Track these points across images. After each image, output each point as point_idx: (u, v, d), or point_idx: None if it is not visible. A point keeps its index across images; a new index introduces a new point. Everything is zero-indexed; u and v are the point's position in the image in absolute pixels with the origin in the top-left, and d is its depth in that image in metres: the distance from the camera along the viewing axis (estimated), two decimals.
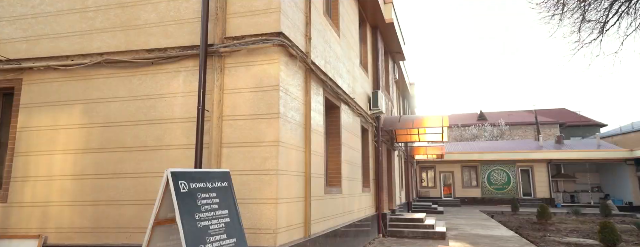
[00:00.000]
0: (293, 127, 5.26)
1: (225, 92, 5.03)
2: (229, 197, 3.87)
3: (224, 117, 4.97)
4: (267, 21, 5.02)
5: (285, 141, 4.98)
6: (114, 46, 5.54)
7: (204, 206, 3.52)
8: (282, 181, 4.83)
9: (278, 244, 4.59)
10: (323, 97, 6.74)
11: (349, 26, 9.05)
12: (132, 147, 5.23)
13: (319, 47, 6.56)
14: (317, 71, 6.31)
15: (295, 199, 5.24)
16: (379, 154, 11.17)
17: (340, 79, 7.86)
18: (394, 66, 15.45)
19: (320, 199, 6.31)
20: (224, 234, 3.61)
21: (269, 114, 4.84)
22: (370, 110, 10.84)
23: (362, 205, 9.46)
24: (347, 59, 8.70)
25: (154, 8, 5.49)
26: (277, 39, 4.90)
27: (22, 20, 6.02)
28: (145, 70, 5.38)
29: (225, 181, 3.92)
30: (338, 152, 7.68)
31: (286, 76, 5.12)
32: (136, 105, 5.32)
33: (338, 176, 7.60)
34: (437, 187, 32.40)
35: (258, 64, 4.99)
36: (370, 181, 10.64)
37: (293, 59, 5.31)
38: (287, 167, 5.00)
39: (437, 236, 10.80)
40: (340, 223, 7.34)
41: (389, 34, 12.71)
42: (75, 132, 5.48)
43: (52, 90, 5.69)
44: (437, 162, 31.97)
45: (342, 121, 7.90)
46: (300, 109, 5.59)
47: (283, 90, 4.99)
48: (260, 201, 4.68)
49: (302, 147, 5.56)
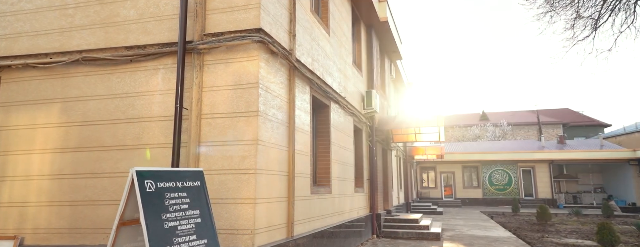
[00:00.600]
0: (274, 125, 5.14)
1: (204, 90, 4.91)
2: (201, 197, 3.75)
3: (202, 116, 4.86)
4: (246, 17, 4.90)
5: (265, 139, 4.85)
6: (93, 43, 5.44)
7: (173, 206, 3.40)
8: (261, 180, 4.71)
9: (256, 245, 4.47)
10: (310, 95, 6.62)
11: (340, 24, 8.93)
12: (111, 146, 5.12)
13: (305, 45, 6.44)
14: (303, 69, 6.18)
15: (277, 199, 5.12)
16: (373, 154, 11.03)
17: (329, 77, 7.73)
18: (391, 65, 15.32)
19: (306, 199, 6.18)
20: (194, 235, 3.49)
21: (247, 112, 4.72)
22: (364, 110, 10.71)
23: (355, 205, 9.33)
24: (338, 57, 8.57)
25: (134, 4, 5.39)
26: (257, 36, 4.78)
27: (2, 17, 5.93)
28: (124, 68, 5.27)
29: (198, 180, 3.80)
30: (327, 152, 7.55)
31: (267, 73, 5.00)
32: (115, 104, 5.21)
33: (327, 176, 7.47)
34: (438, 187, 32.21)
35: (237, 61, 4.87)
36: (364, 181, 10.50)
37: (274, 56, 5.19)
38: (267, 166, 4.87)
39: (431, 236, 10.64)
40: (329, 224, 7.21)
41: (384, 32, 12.58)
42: (53, 131, 5.38)
43: (31, 89, 5.59)
44: (438, 162, 31.80)
45: (332, 120, 7.77)
46: (283, 107, 5.47)
47: (263, 87, 4.87)
48: (238, 200, 4.55)
49: (285, 146, 5.44)
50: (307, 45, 6.57)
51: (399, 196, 18.12)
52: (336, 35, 8.48)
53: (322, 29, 7.47)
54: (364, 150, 10.72)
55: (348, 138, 9.04)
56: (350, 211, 8.88)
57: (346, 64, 9.24)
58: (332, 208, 7.51)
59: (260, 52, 4.84)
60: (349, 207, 8.77)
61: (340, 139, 8.38)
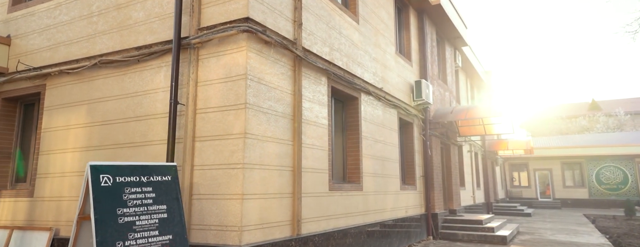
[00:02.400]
0: (271, 118, 4.94)
1: (199, 85, 4.90)
2: (170, 192, 3.70)
3: (197, 110, 4.85)
4: (236, 7, 4.78)
5: (258, 132, 4.68)
6: (111, 47, 5.76)
7: (133, 201, 3.39)
8: (253, 175, 4.54)
9: (244, 242, 4.31)
10: (327, 87, 6.30)
11: (375, 11, 8.43)
12: (123, 143, 5.36)
13: (319, 34, 6.14)
14: (314, 59, 5.90)
15: (276, 195, 4.91)
16: (427, 149, 10.27)
17: (358, 67, 7.32)
18: (455, 53, 14.19)
19: (323, 196, 5.88)
20: (156, 231, 3.44)
21: (236, 105, 4.59)
22: (414, 102, 10.02)
23: (401, 204, 8.74)
24: (373, 46, 8.09)
25: (142, 6, 5.58)
26: (244, 25, 4.63)
27: (48, 30, 6.57)
28: (134, 68, 5.49)
29: (168, 175, 3.75)
30: (356, 147, 7.15)
31: (259, 64, 4.82)
32: (126, 103, 5.45)
33: (357, 172, 7.07)
34: (532, 187, 29.26)
35: (228, 53, 4.77)
36: (416, 178, 9.82)
37: (268, 46, 4.99)
38: (261, 161, 4.69)
39: (496, 240, 9.58)
40: (357, 223, 6.80)
41: (439, 18, 11.67)
42: (80, 131, 5.80)
43: (65, 93, 6.10)
44: (530, 158, 28.86)
45: (362, 113, 7.35)
46: (285, 99, 5.24)
47: (254, 79, 4.70)
48: (227, 196, 4.44)
49: (287, 140, 5.21)
50: (322, 34, 6.26)
51: (474, 196, 16.77)
52: (369, 23, 8.02)
53: (346, 17, 7.09)
54: (416, 145, 10.03)
55: (389, 132, 8.50)
56: (393, 209, 8.33)
57: (386, 53, 8.70)
58: (364, 206, 7.08)
59: (248, 42, 4.68)
60: (391, 205, 8.24)
61: (377, 132, 7.90)
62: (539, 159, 28.73)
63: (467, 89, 17.77)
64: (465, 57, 15.84)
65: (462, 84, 16.91)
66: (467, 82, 18.09)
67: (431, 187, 10.31)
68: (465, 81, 17.69)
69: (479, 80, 19.62)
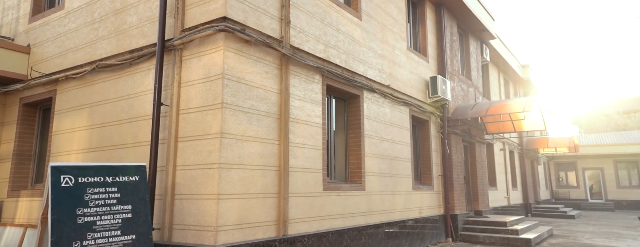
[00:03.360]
0: (253, 117, 4.90)
1: (182, 86, 4.96)
2: (137, 192, 3.75)
3: (180, 111, 4.90)
4: (215, 7, 4.79)
5: (237, 132, 4.66)
6: (109, 51, 5.96)
7: (95, 201, 3.46)
8: (231, 175, 4.53)
9: (219, 242, 4.30)
10: (322, 85, 6.19)
11: (383, 6, 8.20)
12: (117, 145, 5.52)
13: (311, 31, 6.05)
14: (305, 57, 5.81)
15: (259, 195, 4.87)
16: (446, 147, 9.88)
17: (360, 64, 7.14)
18: (482, 47, 13.56)
19: (316, 196, 5.77)
20: (118, 231, 3.50)
21: (213, 105, 4.60)
22: (430, 98, 9.67)
23: (414, 204, 8.45)
24: (379, 42, 7.88)
25: (136, 11, 5.74)
26: (221, 25, 4.63)
27: (59, 38, 6.91)
28: (128, 71, 5.64)
29: (137, 175, 3.81)
30: (358, 145, 6.98)
31: (238, 64, 4.80)
32: (121, 106, 5.61)
33: (358, 171, 6.90)
34: (581, 187, 27.48)
35: (207, 53, 4.79)
36: (433, 178, 9.46)
37: (249, 45, 4.96)
38: (241, 160, 4.67)
39: (519, 243, 9.03)
40: (358, 223, 6.63)
41: (460, 10, 11.19)
42: (83, 133, 6.05)
43: (72, 97, 6.39)
44: (579, 157, 27.08)
45: (364, 111, 7.16)
46: (270, 98, 5.19)
47: (232, 78, 4.68)
48: (204, 196, 4.45)
49: (273, 140, 5.16)
50: (316, 31, 6.16)
51: (508, 196, 15.97)
52: (374, 19, 7.81)
53: (345, 13, 6.94)
54: (433, 143, 9.67)
55: (399, 130, 8.24)
56: (404, 210, 8.06)
57: (395, 49, 8.45)
58: (366, 206, 6.89)
59: (226, 41, 4.67)
60: (401, 206, 7.98)
61: (384, 131, 7.68)
62: (589, 157, 26.94)
63: (499, 85, 16.96)
64: (495, 51, 15.11)
65: (492, 79, 16.15)
66: (500, 77, 17.26)
67: (450, 187, 9.90)
68: (497, 76, 16.89)
69: (514, 75, 18.67)
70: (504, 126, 12.61)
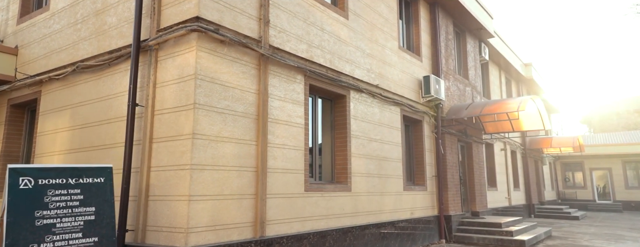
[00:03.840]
0: (228, 118, 4.85)
1: (157, 86, 4.92)
2: (102, 194, 3.71)
3: (155, 112, 4.86)
4: (188, 7, 4.74)
5: (210, 133, 4.60)
6: (90, 52, 5.94)
7: (55, 203, 3.42)
8: (204, 176, 4.47)
9: (190, 244, 4.24)
10: (304, 85, 6.12)
11: (372, 5, 8.11)
12: (97, 146, 5.50)
13: (293, 31, 5.98)
14: (286, 57, 5.74)
15: (235, 196, 4.81)
16: (440, 147, 9.75)
17: (346, 64, 7.06)
18: (480, 45, 13.39)
19: (296, 197, 5.70)
20: (80, 233, 3.46)
21: (186, 106, 4.55)
22: (423, 98, 9.55)
23: (405, 205, 8.34)
24: (368, 41, 7.79)
25: (115, 11, 5.71)
26: (194, 25, 4.58)
27: (44, 39, 6.92)
28: (107, 72, 5.62)
29: (102, 177, 3.77)
30: (344, 146, 6.89)
31: (213, 64, 4.75)
32: (101, 106, 5.59)
33: (345, 172, 6.81)
34: (588, 187, 27.06)
35: (181, 53, 4.74)
36: (426, 178, 9.34)
37: (224, 45, 4.90)
38: (214, 161, 4.61)
39: (513, 245, 8.88)
40: (343, 225, 6.54)
41: (456, 9, 11.05)
42: (65, 134, 6.04)
43: (55, 99, 6.39)
44: (587, 157, 26.63)
45: (351, 111, 7.08)
46: (247, 98, 5.13)
47: (205, 79, 4.63)
48: (176, 197, 4.41)
49: (250, 140, 5.09)
50: (298, 31, 6.09)
51: (509, 197, 15.76)
52: (362, 18, 7.72)
53: (330, 13, 6.86)
54: (427, 143, 9.55)
55: (389, 130, 8.14)
56: (394, 211, 7.95)
57: (385, 49, 8.35)
58: (352, 207, 6.81)
59: (199, 41, 4.62)
60: (391, 207, 7.87)
61: (372, 131, 7.58)
62: (596, 157, 26.52)
63: (500, 84, 16.75)
64: (495, 50, 14.92)
65: (493, 79, 15.95)
66: (501, 76, 17.04)
67: (445, 187, 9.77)
68: (498, 75, 16.69)
69: (517, 74, 18.42)
70: (502, 125, 12.44)
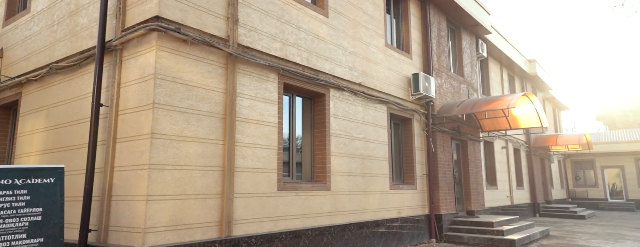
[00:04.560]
0: (192, 117, 4.82)
1: (122, 86, 4.92)
2: (50, 195, 3.71)
3: (119, 112, 4.87)
4: (150, 7, 4.73)
5: (171, 132, 4.59)
6: (64, 53, 5.98)
7: None
8: (164, 176, 4.46)
9: (147, 244, 4.23)
10: (278, 83, 6.07)
11: (356, 3, 8.01)
12: (69, 146, 5.54)
13: (265, 30, 5.93)
14: (257, 56, 5.70)
15: (199, 195, 4.78)
16: (431, 145, 9.60)
17: (325, 62, 6.99)
18: (477, 42, 13.16)
19: (268, 197, 5.65)
20: (24, 234, 3.46)
21: (146, 105, 4.54)
22: (412, 96, 9.42)
23: (391, 204, 8.23)
24: (351, 39, 7.70)
25: (86, 12, 5.74)
26: (154, 24, 4.57)
27: (25, 41, 7.00)
28: (78, 73, 5.65)
29: (52, 178, 3.77)
30: (323, 145, 6.82)
31: (174, 63, 4.73)
32: (72, 107, 5.62)
33: (324, 171, 6.75)
34: (599, 186, 26.46)
35: (142, 53, 4.74)
36: (416, 177, 9.22)
37: (186, 44, 4.87)
38: (176, 161, 4.59)
39: (503, 244, 8.70)
40: (321, 224, 6.47)
41: (449, 5, 10.87)
42: (40, 135, 6.10)
43: (33, 100, 6.46)
44: (598, 154, 26.04)
45: (331, 110, 7.00)
46: (213, 97, 5.10)
47: (166, 78, 4.61)
48: (135, 197, 4.40)
49: (216, 139, 5.07)
50: (272, 29, 6.04)
51: (511, 196, 15.49)
52: (344, 16, 7.63)
53: (308, 11, 6.79)
54: (417, 141, 9.42)
55: (374, 128, 8.04)
56: (379, 210, 7.85)
57: (370, 46, 8.25)
58: (332, 207, 6.73)
59: (159, 41, 4.61)
60: (375, 206, 7.78)
61: (355, 129, 7.50)
62: (608, 154, 25.92)
63: (502, 81, 16.46)
64: (494, 46, 14.65)
65: (494, 75, 15.69)
66: (503, 73, 16.75)
67: (436, 186, 9.62)
68: (499, 72, 16.40)
69: (521, 71, 18.09)
70: (499, 123, 12.21)
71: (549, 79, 20.98)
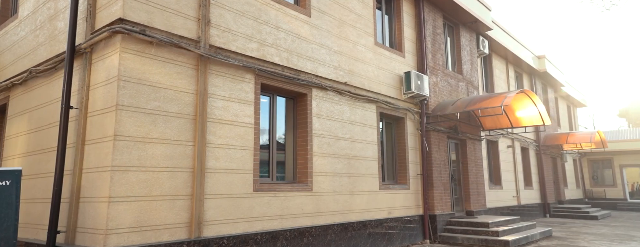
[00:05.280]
0: (159, 119, 4.82)
1: (90, 89, 4.96)
2: (5, 197, 3.77)
3: (88, 114, 4.91)
4: (115, 9, 4.76)
5: (136, 134, 4.60)
6: (44, 57, 6.07)
7: None
8: (128, 177, 4.47)
9: (110, 245, 4.24)
10: (254, 84, 6.03)
11: (342, 2, 7.93)
12: (46, 148, 5.62)
13: (241, 30, 5.91)
14: (232, 56, 5.68)
15: (166, 196, 4.78)
16: (425, 145, 9.44)
17: (308, 62, 6.93)
18: (478, 38, 12.89)
19: (243, 198, 5.62)
20: None
21: (110, 108, 4.56)
22: (405, 95, 9.28)
23: (381, 205, 8.11)
24: (336, 38, 7.62)
25: (64, 16, 5.82)
26: (118, 27, 4.59)
27: (13, 46, 7.14)
28: (55, 76, 5.73)
29: (7, 180, 3.81)
30: (305, 145, 6.77)
31: (140, 65, 4.74)
32: (50, 110, 5.70)
33: (305, 171, 6.69)
34: (618, 185, 25.64)
35: (108, 56, 4.76)
36: (409, 177, 9.07)
37: (152, 46, 4.88)
38: (141, 162, 4.60)
39: (498, 245, 8.48)
40: (301, 224, 6.41)
41: (444, 2, 10.67)
42: (23, 137, 6.21)
43: (18, 103, 6.58)
44: (616, 153, 25.24)
45: (313, 109, 6.94)
46: (183, 99, 5.09)
47: (130, 80, 4.63)
48: (99, 199, 4.42)
49: (186, 140, 5.06)
50: (247, 30, 6.01)
51: (518, 196, 15.13)
52: (328, 15, 7.56)
53: (288, 11, 6.75)
54: (410, 141, 9.28)
55: (362, 128, 7.93)
56: (367, 210, 7.74)
57: (357, 45, 8.15)
58: (314, 207, 6.66)
59: (123, 43, 4.63)
60: (363, 206, 7.67)
61: (340, 129, 7.41)
62: (627, 153, 25.10)
63: (507, 78, 16.09)
64: (497, 43, 14.34)
65: (498, 73, 15.37)
66: (509, 70, 16.38)
67: (430, 186, 9.45)
68: (505, 69, 16.05)
69: (529, 68, 17.66)
70: (500, 121, 11.94)
71: (560, 76, 20.43)
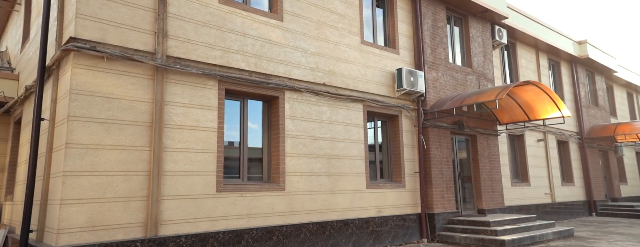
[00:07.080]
0: (113, 127, 5.26)
1: (57, 102, 5.53)
2: None
3: (55, 124, 5.48)
4: (70, 29, 5.26)
5: (89, 142, 5.06)
6: None
7: None
8: (80, 181, 4.94)
9: (61, 243, 4.73)
10: (218, 90, 6.33)
11: (320, 4, 8.00)
12: None
13: (202, 40, 6.23)
14: (192, 65, 6.02)
15: (120, 198, 5.21)
16: (422, 142, 9.24)
17: (279, 65, 7.12)
18: (493, 28, 12.25)
19: (205, 198, 5.94)
20: None
21: (64, 119, 5.07)
22: (398, 92, 9.15)
23: (368, 203, 8.09)
24: (313, 40, 7.73)
25: None
26: (70, 45, 5.08)
27: (28, 64, 8.04)
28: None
29: None
30: (277, 146, 6.96)
31: (92, 79, 5.21)
32: None
33: (277, 172, 6.88)
34: None
35: (66, 71, 5.29)
36: (405, 175, 8.94)
37: (104, 60, 5.32)
38: (93, 167, 5.06)
39: (493, 244, 8.10)
40: (272, 223, 6.61)
41: None
42: (26, 146, 7.00)
43: (26, 115, 7.42)
44: None
45: (286, 111, 7.11)
46: (138, 107, 5.50)
47: (82, 93, 5.10)
48: (55, 201, 4.94)
49: (141, 146, 5.46)
50: (210, 39, 6.32)
51: (552, 193, 14.20)
52: (303, 18, 7.67)
53: (257, 16, 6.97)
54: (406, 138, 9.14)
55: (345, 128, 7.97)
56: (350, 209, 7.76)
57: (339, 45, 8.19)
58: (287, 206, 6.84)
59: (75, 59, 5.11)
60: (346, 205, 7.71)
61: (319, 130, 7.51)
62: None
63: (538, 67, 15.10)
64: (521, 32, 13.53)
65: (525, 63, 14.49)
66: (539, 58, 15.34)
67: (429, 184, 9.23)
68: (534, 58, 15.07)
69: (568, 55, 16.43)
70: (516, 115, 11.31)
71: (611, 61, 18.75)
